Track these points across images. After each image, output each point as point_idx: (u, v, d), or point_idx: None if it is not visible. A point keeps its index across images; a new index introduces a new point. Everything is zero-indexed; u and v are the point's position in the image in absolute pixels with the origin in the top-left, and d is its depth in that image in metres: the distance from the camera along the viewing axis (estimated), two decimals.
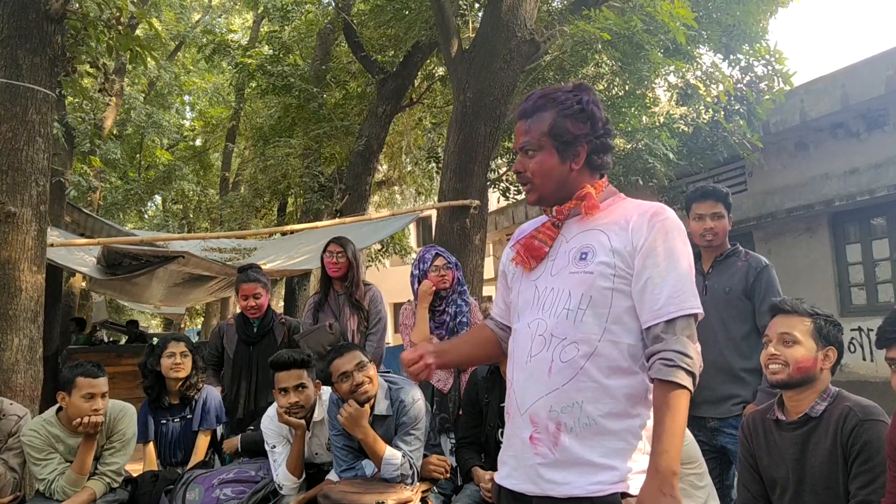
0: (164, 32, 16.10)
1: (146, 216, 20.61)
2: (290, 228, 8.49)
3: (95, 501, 3.08)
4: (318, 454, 3.26)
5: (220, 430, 3.86)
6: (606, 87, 8.09)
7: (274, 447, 3.18)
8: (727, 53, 7.63)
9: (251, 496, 3.20)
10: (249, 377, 3.88)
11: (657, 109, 8.56)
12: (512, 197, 9.82)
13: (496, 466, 2.89)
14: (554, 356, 1.55)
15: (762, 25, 7.80)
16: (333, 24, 10.09)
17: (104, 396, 3.07)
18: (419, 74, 10.10)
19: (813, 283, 7.61)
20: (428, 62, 10.00)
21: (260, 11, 11.88)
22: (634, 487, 1.49)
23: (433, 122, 11.19)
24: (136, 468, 3.57)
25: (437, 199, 7.15)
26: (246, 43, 14.13)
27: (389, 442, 2.96)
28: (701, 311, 1.53)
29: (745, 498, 2.32)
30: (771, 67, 7.36)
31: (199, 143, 19.37)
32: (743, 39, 7.46)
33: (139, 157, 17.32)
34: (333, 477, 3.06)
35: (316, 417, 3.18)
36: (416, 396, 3.06)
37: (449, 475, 3.15)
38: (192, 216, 19.38)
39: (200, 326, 21.79)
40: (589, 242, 1.60)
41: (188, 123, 20.38)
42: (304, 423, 3.10)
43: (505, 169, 9.42)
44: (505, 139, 8.19)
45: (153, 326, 27.22)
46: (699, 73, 7.74)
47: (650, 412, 1.54)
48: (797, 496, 2.13)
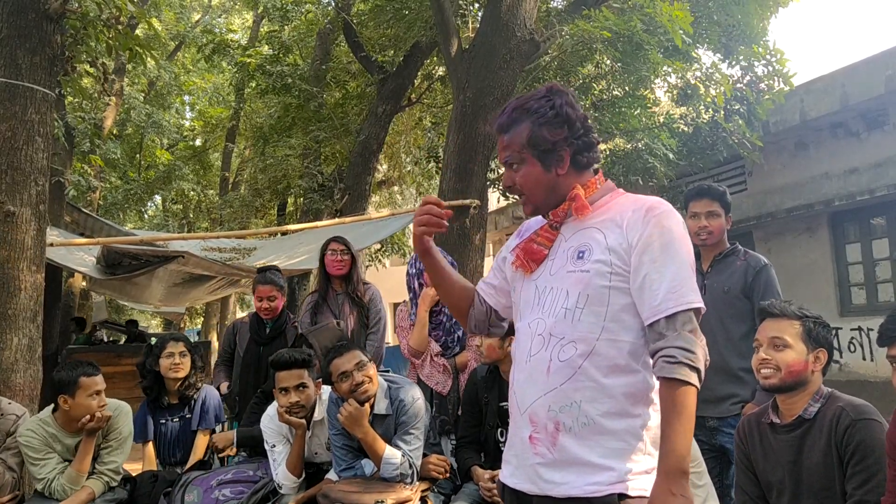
0: (163, 32, 16.11)
1: (146, 216, 20.59)
2: (289, 228, 8.48)
3: (94, 500, 3.08)
4: (317, 454, 3.25)
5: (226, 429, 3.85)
6: (606, 87, 8.08)
7: (274, 446, 3.18)
8: (727, 54, 7.63)
9: (251, 496, 3.20)
10: (258, 377, 3.89)
11: (657, 109, 8.56)
12: (512, 196, 9.80)
13: (495, 466, 2.92)
14: (552, 355, 1.54)
15: (762, 26, 7.80)
16: (333, 23, 10.09)
17: (101, 393, 3.11)
18: (419, 74, 10.10)
19: (813, 282, 7.60)
20: (428, 62, 10.01)
21: (260, 11, 11.86)
22: (633, 488, 1.47)
23: (433, 121, 11.19)
24: (135, 468, 3.57)
25: None
26: (246, 43, 14.12)
27: (389, 441, 2.95)
28: (702, 304, 1.50)
29: (742, 501, 2.31)
30: (771, 67, 7.37)
31: (198, 142, 19.35)
32: (743, 40, 7.46)
33: (139, 156, 17.31)
34: (333, 476, 3.06)
35: (316, 417, 3.18)
36: (415, 396, 3.06)
37: (448, 475, 3.15)
38: (191, 216, 19.37)
39: (200, 326, 21.78)
40: (586, 241, 1.59)
41: (188, 123, 20.36)
42: (304, 422, 3.10)
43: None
44: None
45: (153, 326, 27.22)
46: (699, 73, 7.74)
47: (652, 411, 1.53)
48: (794, 498, 2.13)
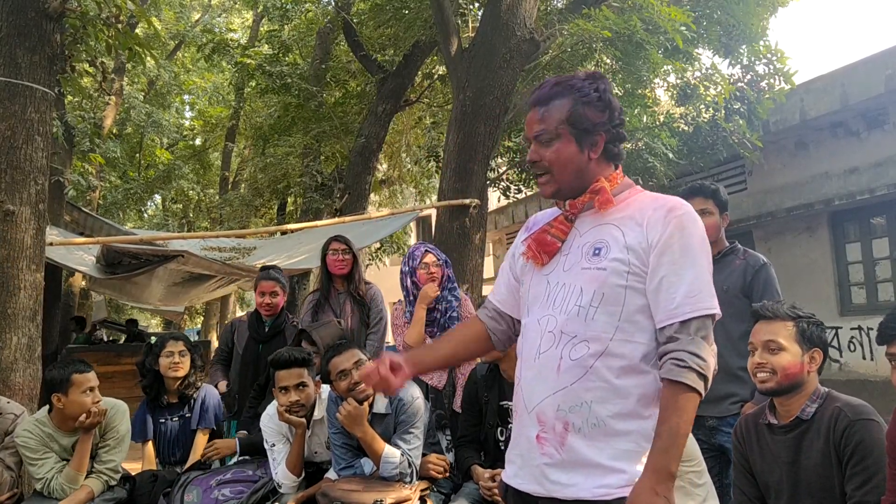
0: (163, 31, 16.09)
1: (146, 215, 20.58)
2: (289, 228, 8.49)
3: (94, 500, 3.08)
4: (317, 453, 3.25)
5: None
6: None
7: (273, 445, 3.17)
8: (727, 53, 7.62)
9: (250, 496, 3.19)
10: (257, 375, 3.89)
11: (657, 109, 8.55)
12: (512, 196, 9.81)
13: (495, 465, 2.91)
14: (563, 354, 1.50)
15: (762, 25, 7.80)
16: (333, 23, 10.09)
17: (95, 389, 3.10)
18: (419, 73, 10.10)
19: (813, 282, 7.60)
20: (428, 61, 10.00)
21: (259, 11, 11.86)
22: None
23: (433, 121, 11.19)
24: (134, 467, 3.57)
25: (436, 198, 7.14)
26: (245, 42, 14.13)
27: (388, 440, 2.95)
28: (718, 311, 1.47)
29: (740, 502, 2.30)
30: (772, 66, 7.36)
31: (198, 142, 19.34)
32: (743, 39, 7.45)
33: (139, 156, 17.30)
34: (332, 475, 3.05)
35: (316, 416, 3.18)
36: (415, 395, 3.05)
37: (448, 474, 3.14)
38: (191, 215, 19.37)
39: (200, 326, 21.78)
40: (603, 238, 1.54)
41: (188, 123, 20.36)
42: (304, 421, 3.09)
43: (505, 168, 9.40)
44: (505, 138, 8.19)
45: (153, 326, 27.22)
46: (699, 73, 7.74)
47: None
48: (793, 499, 2.12)
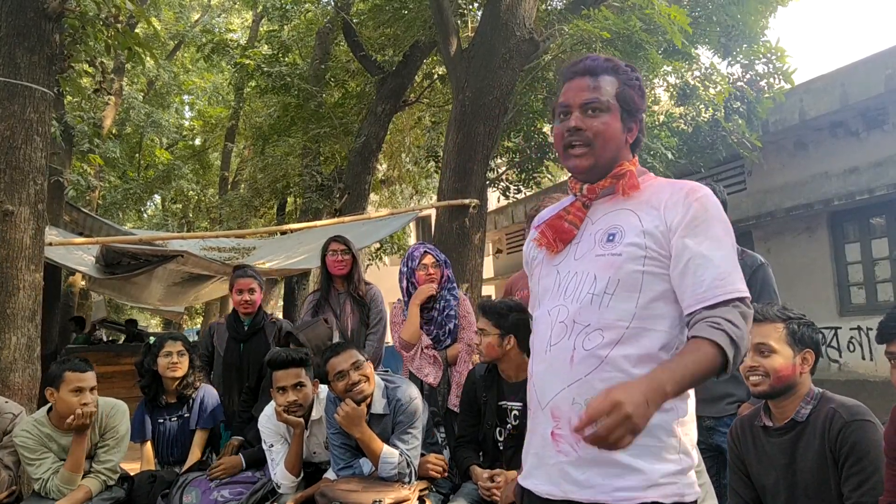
0: (162, 31, 16.11)
1: (145, 215, 20.60)
2: (289, 228, 8.48)
3: (91, 499, 3.08)
4: (316, 453, 3.25)
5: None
6: None
7: (272, 446, 3.17)
8: (726, 53, 7.62)
9: (250, 496, 3.19)
10: (240, 374, 3.88)
11: (657, 108, 8.55)
12: (511, 196, 9.81)
13: (494, 465, 2.91)
14: (576, 344, 1.43)
15: (762, 24, 7.80)
16: (332, 23, 10.09)
17: (93, 391, 3.05)
18: (418, 73, 10.09)
19: (812, 282, 7.60)
20: (427, 61, 10.00)
21: (259, 11, 11.87)
22: (666, 495, 1.37)
23: (433, 121, 11.18)
24: (133, 467, 3.56)
25: (436, 198, 7.14)
26: (245, 42, 14.13)
27: (387, 441, 2.94)
28: (748, 293, 1.38)
29: (736, 503, 2.30)
30: (771, 65, 7.36)
31: (198, 142, 19.37)
32: (742, 39, 7.45)
33: (138, 156, 17.32)
34: (331, 475, 3.05)
35: (314, 416, 3.18)
36: (412, 395, 3.05)
37: (447, 474, 3.14)
38: (191, 215, 19.38)
39: (199, 326, 21.78)
40: (617, 223, 1.48)
41: (187, 123, 20.38)
42: (302, 421, 3.09)
43: (504, 168, 9.40)
44: (504, 138, 8.18)
45: (152, 326, 27.23)
46: (698, 73, 7.73)
47: (685, 405, 1.44)
48: (789, 501, 2.12)
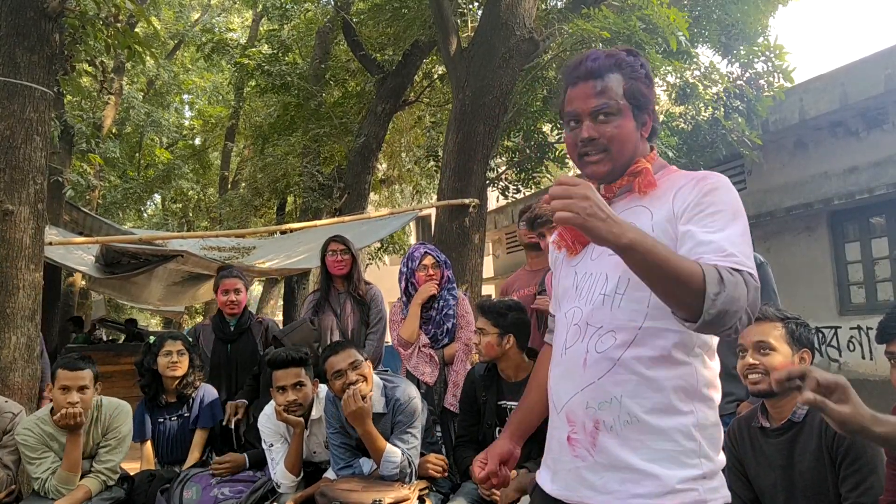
0: (162, 31, 16.10)
1: (145, 215, 20.61)
2: (289, 227, 8.48)
3: (91, 499, 3.08)
4: (316, 452, 3.25)
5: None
6: None
7: (272, 446, 3.17)
8: (726, 52, 7.62)
9: (250, 495, 3.19)
10: (229, 375, 3.89)
11: (656, 107, 8.53)
12: (511, 196, 9.80)
13: None
14: (589, 347, 1.39)
15: (762, 24, 7.79)
16: (332, 22, 10.10)
17: (82, 390, 3.01)
18: (418, 73, 10.09)
19: (812, 281, 7.60)
20: (427, 60, 10.00)
21: (259, 10, 11.87)
22: (682, 502, 1.32)
23: (432, 120, 11.18)
24: (133, 467, 3.56)
25: (436, 197, 7.14)
26: (245, 42, 14.13)
27: (386, 440, 2.94)
28: (755, 270, 1.26)
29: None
30: (771, 64, 7.35)
31: (198, 141, 19.37)
32: (742, 38, 7.45)
33: (138, 155, 17.33)
34: (331, 475, 3.05)
35: (314, 415, 3.17)
36: (411, 394, 3.05)
37: (446, 473, 3.14)
38: (191, 215, 19.38)
39: None
40: (632, 221, 1.39)
41: (187, 122, 20.38)
42: (302, 421, 3.09)
43: (504, 168, 9.39)
44: (504, 138, 8.18)
45: (152, 325, 27.21)
46: (698, 73, 7.73)
47: (706, 408, 1.39)
48: (788, 502, 2.12)
